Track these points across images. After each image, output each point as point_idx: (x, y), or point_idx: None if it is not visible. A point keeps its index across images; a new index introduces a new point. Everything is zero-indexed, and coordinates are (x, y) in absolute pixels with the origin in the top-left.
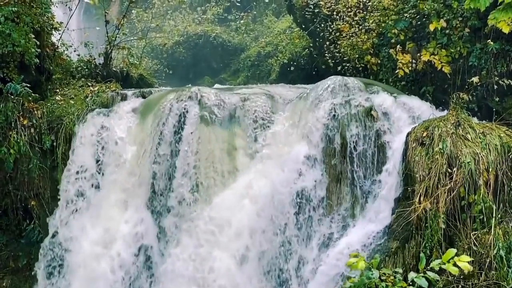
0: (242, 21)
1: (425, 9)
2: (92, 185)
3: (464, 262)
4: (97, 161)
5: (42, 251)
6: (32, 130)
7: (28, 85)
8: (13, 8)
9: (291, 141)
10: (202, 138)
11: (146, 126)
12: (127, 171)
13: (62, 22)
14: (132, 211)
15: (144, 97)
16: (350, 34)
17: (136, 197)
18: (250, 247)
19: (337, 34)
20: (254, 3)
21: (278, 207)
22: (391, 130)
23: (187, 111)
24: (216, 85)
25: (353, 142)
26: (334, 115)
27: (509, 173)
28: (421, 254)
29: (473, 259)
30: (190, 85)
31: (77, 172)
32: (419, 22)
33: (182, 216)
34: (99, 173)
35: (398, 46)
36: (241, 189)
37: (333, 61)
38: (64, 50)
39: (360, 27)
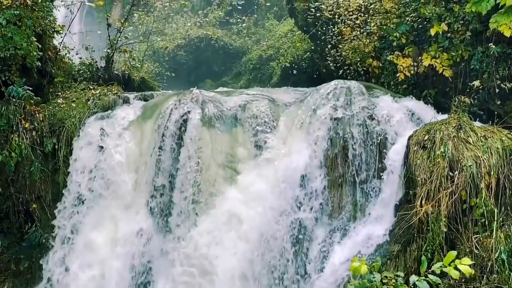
0: (243, 25)
1: (426, 13)
2: (87, 221)
3: (465, 265)
4: (93, 190)
5: None
6: (34, 133)
7: (30, 88)
8: (15, 11)
9: (290, 158)
10: (202, 159)
11: (143, 146)
12: (124, 205)
13: (64, 25)
14: (129, 251)
15: (146, 100)
16: (352, 38)
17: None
18: None
19: (339, 37)
20: (256, 7)
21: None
22: (393, 134)
23: (185, 129)
24: (220, 89)
25: (355, 146)
26: (336, 122)
27: (510, 177)
28: (423, 257)
29: (474, 262)
30: (196, 87)
31: (74, 205)
32: (420, 26)
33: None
34: (95, 206)
35: (396, 52)
36: (224, 218)
37: (334, 65)
38: (66, 53)
39: (362, 30)
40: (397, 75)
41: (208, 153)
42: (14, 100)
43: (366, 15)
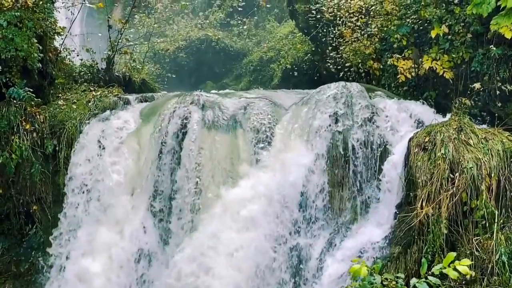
0: (244, 26)
1: (427, 15)
2: (82, 248)
3: (464, 266)
4: (89, 213)
5: None
6: (35, 134)
7: (31, 89)
8: (16, 13)
9: (288, 174)
10: (202, 179)
11: (141, 162)
12: (122, 229)
13: (65, 27)
14: (126, 280)
15: (146, 101)
16: (353, 39)
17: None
18: None
19: (340, 39)
20: (256, 8)
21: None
22: (393, 136)
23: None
24: (221, 91)
25: (356, 162)
26: (336, 133)
27: (511, 179)
28: (423, 259)
29: (475, 264)
30: (200, 90)
31: (70, 230)
32: (421, 28)
33: None
34: (93, 232)
35: (396, 55)
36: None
37: (335, 67)
38: (66, 55)
39: (363, 32)
40: (398, 77)
41: (208, 171)
42: (15, 101)
43: (367, 17)
